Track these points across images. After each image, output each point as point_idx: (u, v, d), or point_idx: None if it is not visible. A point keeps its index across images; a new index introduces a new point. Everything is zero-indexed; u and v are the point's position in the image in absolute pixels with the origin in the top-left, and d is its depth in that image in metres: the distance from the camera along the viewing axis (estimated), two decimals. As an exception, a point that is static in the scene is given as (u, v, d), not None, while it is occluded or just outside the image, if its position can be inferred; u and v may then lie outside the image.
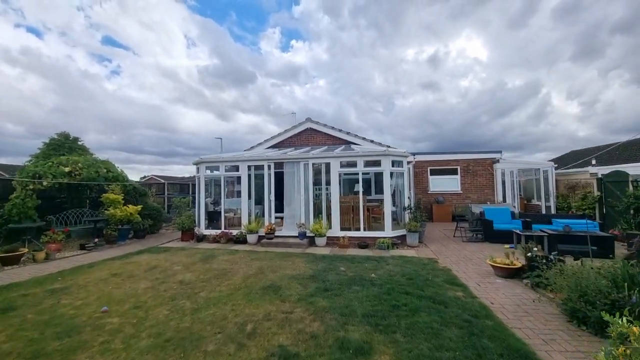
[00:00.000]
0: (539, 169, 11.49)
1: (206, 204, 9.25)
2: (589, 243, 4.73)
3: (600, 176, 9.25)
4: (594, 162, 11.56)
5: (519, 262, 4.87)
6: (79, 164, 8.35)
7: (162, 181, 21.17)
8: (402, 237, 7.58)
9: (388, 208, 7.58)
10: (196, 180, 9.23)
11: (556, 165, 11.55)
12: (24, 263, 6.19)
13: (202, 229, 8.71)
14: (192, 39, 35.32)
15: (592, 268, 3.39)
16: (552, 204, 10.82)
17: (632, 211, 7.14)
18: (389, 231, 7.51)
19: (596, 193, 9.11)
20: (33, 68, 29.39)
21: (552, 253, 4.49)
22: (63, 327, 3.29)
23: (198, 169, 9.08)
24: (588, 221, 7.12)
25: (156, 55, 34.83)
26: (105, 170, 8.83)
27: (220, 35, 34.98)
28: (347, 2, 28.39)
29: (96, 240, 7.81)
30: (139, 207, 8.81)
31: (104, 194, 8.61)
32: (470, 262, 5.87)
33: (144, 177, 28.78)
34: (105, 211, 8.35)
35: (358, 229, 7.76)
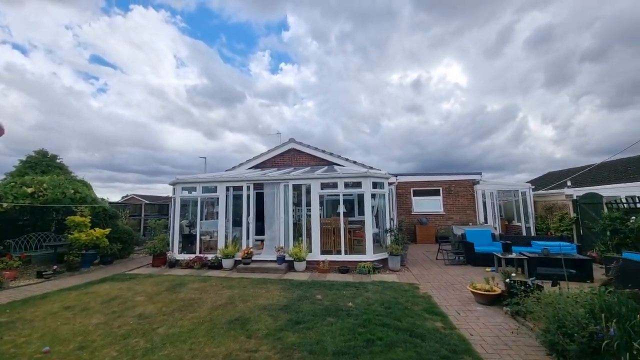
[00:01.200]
0: (517, 190, 11.72)
1: (181, 227, 8.81)
2: (563, 266, 4.67)
3: (575, 198, 9.48)
4: (569, 183, 11.92)
5: (499, 287, 4.74)
6: (44, 185, 7.87)
7: (141, 201, 20.40)
8: (384, 261, 7.37)
9: (369, 231, 7.41)
10: (171, 201, 8.85)
11: (534, 187, 11.83)
12: (-32, 294, 5.56)
13: (175, 254, 8.22)
14: (182, 59, 35.59)
15: (568, 297, 3.28)
16: (531, 225, 10.95)
17: (608, 233, 7.25)
18: (370, 254, 7.30)
19: (572, 214, 9.28)
20: (16, 84, 28.64)
21: (530, 278, 4.39)
22: (-13, 375, 2.85)
23: (174, 189, 8.73)
24: (564, 243, 7.17)
25: (144, 74, 34.76)
26: (72, 191, 8.34)
27: (210, 56, 35.45)
28: (334, 29, 29.64)
29: (55, 267, 7.20)
30: (107, 231, 8.27)
31: (69, 217, 8.08)
32: (452, 288, 5.69)
33: (126, 196, 27.71)
34: (69, 235, 7.78)
35: (339, 252, 7.51)
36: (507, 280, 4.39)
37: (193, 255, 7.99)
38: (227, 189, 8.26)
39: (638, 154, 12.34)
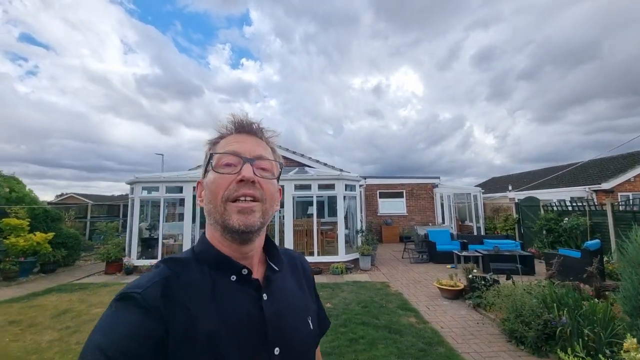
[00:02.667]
0: (470, 193, 12.90)
1: (140, 230, 8.13)
2: (518, 262, 5.29)
3: (517, 201, 10.75)
4: (510, 187, 13.47)
5: (461, 283, 5.21)
6: (-30, 182, 6.71)
7: (85, 201, 18.33)
8: (355, 261, 7.61)
9: (342, 232, 7.60)
10: (130, 202, 8.12)
11: (483, 191, 13.12)
12: None
13: (134, 259, 7.56)
14: (130, 45, 32.62)
15: (524, 289, 3.74)
16: (481, 225, 12.12)
17: (544, 232, 8.34)
18: (342, 255, 7.48)
19: (515, 215, 10.49)
20: None
21: (489, 274, 4.89)
22: None
23: (133, 189, 8.02)
24: (509, 241, 8.08)
25: (83, 57, 31.15)
26: (7, 190, 7.23)
27: (163, 44, 33.13)
28: (298, 29, 29.79)
29: (-15, 278, 6.19)
30: (50, 235, 7.30)
31: (4, 219, 6.98)
32: (419, 284, 6.09)
33: (62, 195, 24.50)
34: (5, 240, 6.72)
35: (312, 254, 7.56)
36: (470, 276, 4.84)
37: (154, 261, 7.42)
38: (195, 189, 7.82)
39: (566, 162, 14.40)
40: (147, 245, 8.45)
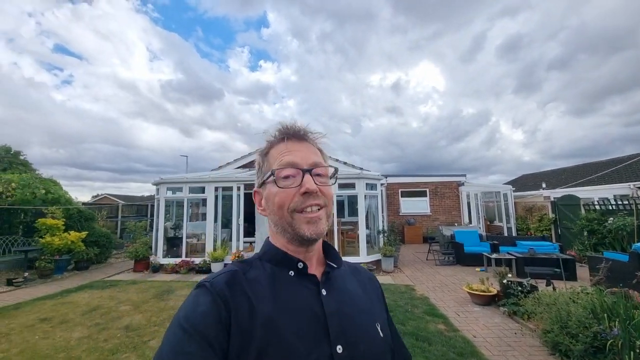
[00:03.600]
0: (499, 191, 12.18)
1: (166, 229, 8.36)
2: (561, 266, 4.85)
3: (553, 199, 9.98)
4: (544, 185, 12.57)
5: (494, 288, 4.84)
6: (12, 184, 7.19)
7: (117, 202, 19.30)
8: (377, 262, 7.37)
9: (363, 232, 7.39)
10: (155, 202, 8.38)
11: (514, 189, 12.34)
12: None
13: (160, 258, 7.78)
14: (155, 52, 34.11)
15: (570, 298, 3.37)
16: (512, 225, 11.40)
17: (585, 233, 7.66)
18: (364, 256, 7.27)
19: (551, 215, 9.75)
20: (-30, 74, 26.18)
21: (525, 279, 4.51)
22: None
23: (158, 190, 8.27)
24: (546, 243, 7.49)
25: (113, 66, 32.96)
26: (43, 192, 7.68)
27: (186, 50, 34.30)
28: (314, 28, 29.70)
29: (26, 274, 6.59)
30: (83, 234, 7.68)
31: (40, 219, 7.42)
32: (447, 288, 5.77)
33: (97, 195, 26.04)
34: (40, 239, 7.14)
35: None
36: (505, 281, 4.48)
37: (179, 259, 7.60)
38: (216, 189, 7.94)
39: (607, 157, 13.23)
40: (172, 244, 8.67)
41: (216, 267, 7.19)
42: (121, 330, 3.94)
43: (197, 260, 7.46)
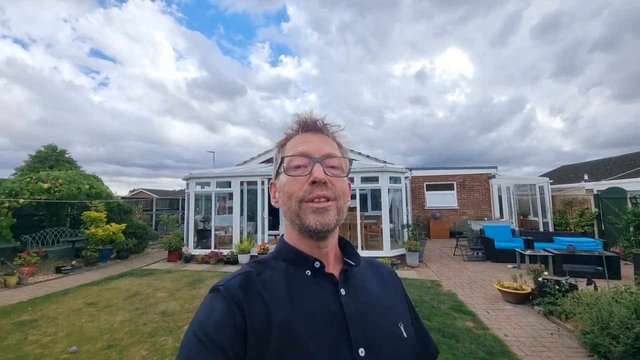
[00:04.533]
0: (534, 184, 11.44)
1: (195, 222, 8.79)
2: (604, 265, 4.50)
3: (596, 192, 9.21)
4: (586, 177, 11.61)
5: (528, 286, 4.60)
6: (59, 180, 7.87)
7: (151, 196, 20.53)
8: (402, 257, 7.26)
9: (386, 226, 7.29)
10: (185, 196, 8.81)
11: (552, 181, 11.53)
12: (-8, 289, 5.61)
13: (191, 249, 8.22)
14: (180, 52, 35.36)
15: (613, 298, 3.13)
16: (549, 220, 10.70)
17: (631, 229, 7.02)
18: (387, 250, 7.19)
19: (594, 209, 9.02)
20: (17, 79, 28.74)
21: (564, 278, 4.23)
22: (20, 374, 2.83)
23: (188, 184, 8.68)
24: (588, 239, 6.97)
25: (143, 67, 34.70)
26: (87, 187, 8.34)
27: (209, 48, 35.27)
28: (334, 19, 29.18)
29: (74, 262, 7.24)
30: (123, 226, 8.28)
31: (85, 212, 8.09)
32: (475, 285, 5.57)
33: (134, 190, 27.89)
34: (86, 230, 7.80)
35: (355, 248, 7.40)
36: (540, 279, 4.24)
37: (208, 251, 7.97)
38: (242, 183, 8.18)
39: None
40: (202, 236, 9.09)
41: (243, 259, 7.47)
42: (158, 315, 4.23)
43: (225, 252, 7.79)
